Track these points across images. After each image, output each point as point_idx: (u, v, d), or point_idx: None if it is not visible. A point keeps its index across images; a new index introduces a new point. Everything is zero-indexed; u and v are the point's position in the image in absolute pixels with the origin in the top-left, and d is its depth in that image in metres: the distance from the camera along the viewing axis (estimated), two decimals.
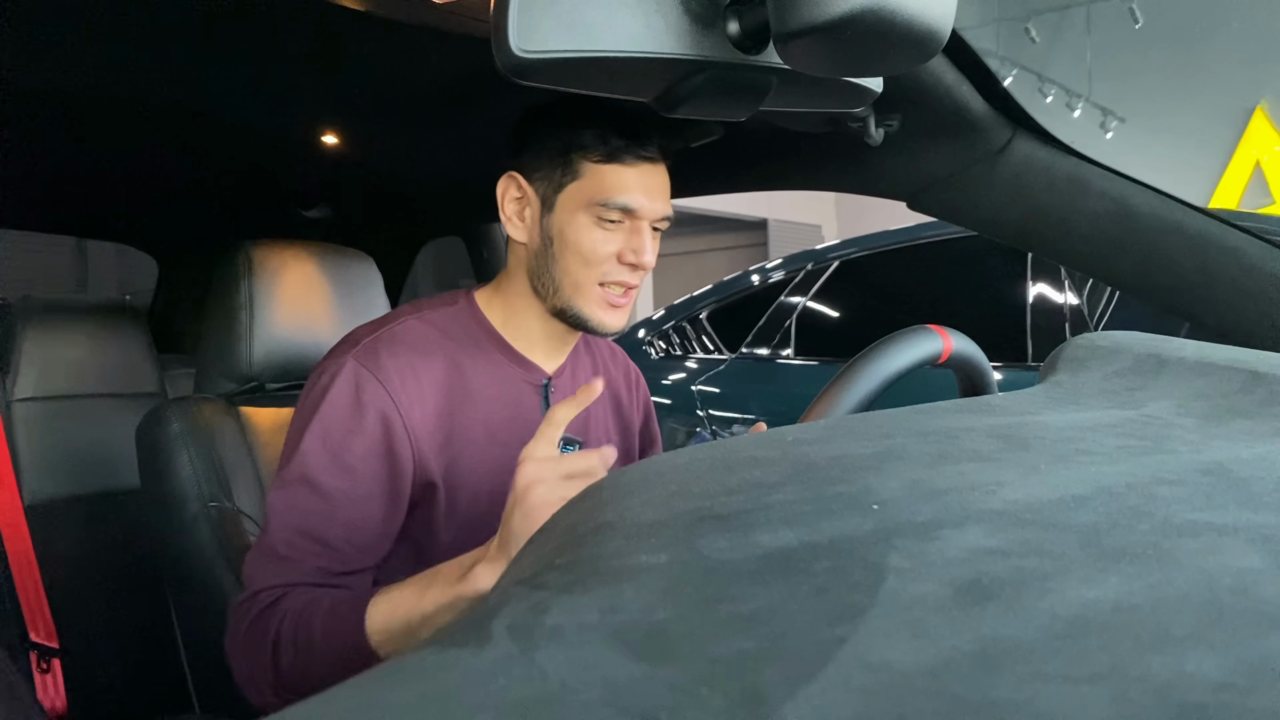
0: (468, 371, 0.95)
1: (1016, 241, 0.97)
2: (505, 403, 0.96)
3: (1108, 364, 0.53)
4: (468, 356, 0.96)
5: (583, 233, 0.91)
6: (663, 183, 0.94)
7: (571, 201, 0.91)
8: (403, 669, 0.22)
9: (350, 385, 0.88)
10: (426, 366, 0.92)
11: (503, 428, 0.95)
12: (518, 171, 0.94)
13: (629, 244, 0.92)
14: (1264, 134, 7.37)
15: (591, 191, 0.90)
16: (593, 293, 0.93)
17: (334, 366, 0.90)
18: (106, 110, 1.17)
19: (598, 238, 0.91)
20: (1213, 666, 0.20)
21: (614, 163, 0.90)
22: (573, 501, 0.35)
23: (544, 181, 0.93)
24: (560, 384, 1.02)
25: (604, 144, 0.90)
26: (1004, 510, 0.30)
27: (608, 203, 0.90)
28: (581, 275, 0.92)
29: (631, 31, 0.49)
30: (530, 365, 0.99)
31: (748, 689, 0.20)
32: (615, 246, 0.91)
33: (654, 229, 0.94)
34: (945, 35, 0.49)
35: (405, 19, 0.80)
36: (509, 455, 0.94)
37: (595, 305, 0.93)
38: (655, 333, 3.15)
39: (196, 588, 1.11)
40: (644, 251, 0.92)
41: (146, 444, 1.18)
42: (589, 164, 0.90)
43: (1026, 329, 2.27)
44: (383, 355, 0.90)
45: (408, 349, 0.92)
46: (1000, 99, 0.90)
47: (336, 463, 0.87)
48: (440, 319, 0.97)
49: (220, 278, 1.24)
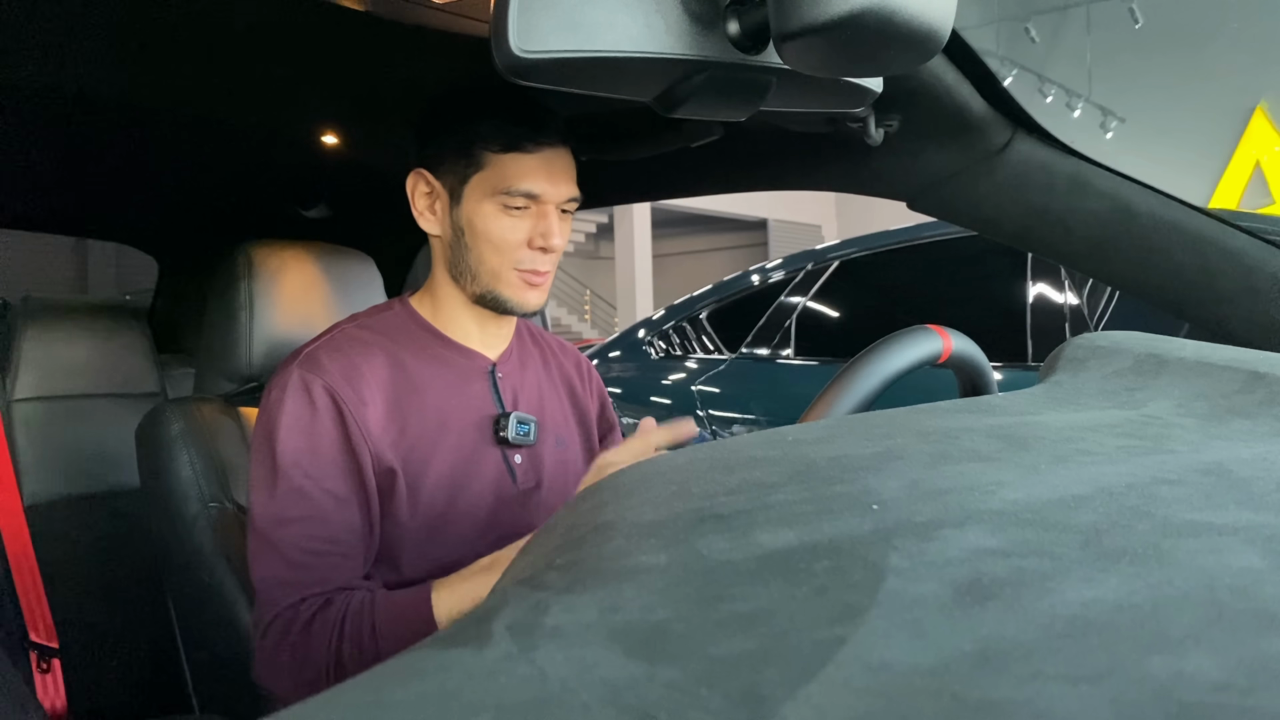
0: (411, 367, 0.97)
1: (1016, 241, 0.97)
2: (454, 390, 0.99)
3: (1108, 364, 0.53)
4: (409, 353, 0.98)
5: (490, 221, 0.94)
6: (565, 165, 0.96)
7: (477, 192, 0.94)
8: (403, 669, 0.22)
9: (300, 392, 0.91)
10: (369, 366, 0.95)
11: (454, 414, 0.98)
12: (424, 166, 0.98)
13: (536, 228, 0.94)
14: (1264, 134, 7.37)
15: (495, 181, 0.93)
16: (509, 276, 0.96)
17: (280, 380, 0.93)
18: (107, 110, 1.17)
19: (505, 225, 0.94)
20: (1213, 666, 0.20)
21: (514, 151, 0.92)
22: (572, 501, 0.35)
23: (449, 174, 0.96)
24: (507, 370, 1.04)
25: (502, 134, 0.92)
26: (1004, 510, 0.30)
27: (510, 190, 0.92)
28: (495, 262, 0.95)
29: (631, 31, 0.49)
30: (471, 353, 1.02)
31: (748, 689, 0.20)
32: (523, 233, 0.94)
33: (562, 210, 0.96)
34: (945, 35, 0.49)
35: (405, 19, 0.80)
36: (464, 440, 0.98)
37: (513, 288, 0.96)
38: (655, 333, 3.15)
39: (196, 588, 1.11)
40: (552, 235, 0.94)
41: (146, 444, 1.18)
42: (490, 154, 0.93)
43: (1026, 329, 2.27)
44: (324, 360, 0.93)
45: (347, 353, 0.95)
46: (1000, 99, 0.90)
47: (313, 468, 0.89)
48: (377, 324, 1.01)
49: (220, 278, 1.24)
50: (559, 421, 1.09)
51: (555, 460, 1.05)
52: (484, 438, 0.99)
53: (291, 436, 0.89)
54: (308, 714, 0.21)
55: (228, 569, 1.09)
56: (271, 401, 0.92)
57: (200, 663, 1.17)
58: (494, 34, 0.47)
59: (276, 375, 0.96)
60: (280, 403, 0.91)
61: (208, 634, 1.09)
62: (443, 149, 0.96)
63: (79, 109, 1.16)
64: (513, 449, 1.00)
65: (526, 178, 0.93)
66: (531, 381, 1.07)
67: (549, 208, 0.95)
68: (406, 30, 0.84)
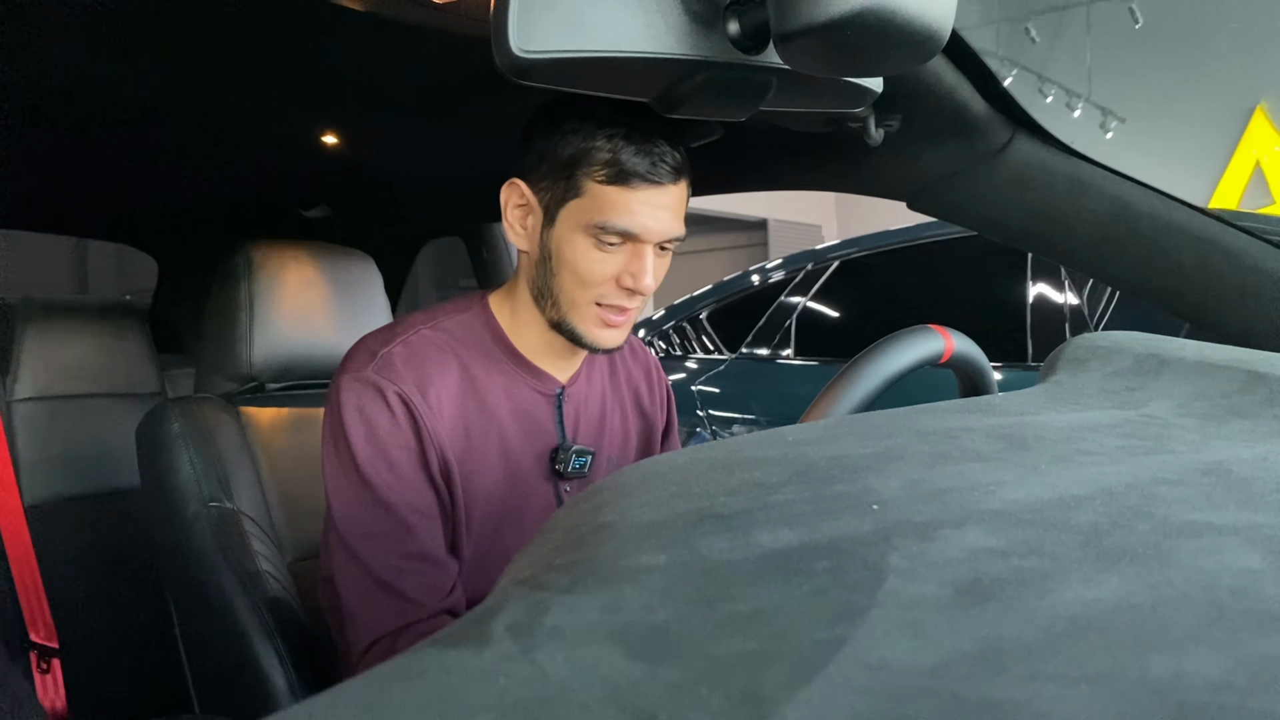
0: (481, 383, 0.93)
1: (1016, 241, 0.97)
2: (519, 415, 0.95)
3: (1108, 364, 0.53)
4: (480, 366, 0.94)
5: (580, 253, 0.87)
6: (675, 202, 0.88)
7: (571, 219, 0.87)
8: (403, 669, 0.22)
9: (375, 397, 0.87)
10: (441, 379, 0.90)
11: (516, 441, 0.95)
12: (521, 178, 0.90)
13: (628, 267, 0.87)
14: (1264, 134, 7.37)
15: (593, 212, 0.85)
16: (588, 312, 0.90)
17: (353, 382, 0.89)
18: (107, 110, 1.17)
19: (595, 259, 0.87)
20: (1213, 666, 0.20)
21: (620, 185, 0.84)
22: (573, 502, 0.35)
23: (547, 193, 0.88)
24: (574, 393, 1.00)
25: (612, 166, 0.84)
26: (1004, 510, 0.30)
27: (606, 225, 0.85)
28: (577, 294, 0.89)
29: (631, 31, 0.49)
30: (542, 374, 0.97)
31: (748, 689, 0.20)
32: (613, 269, 0.87)
33: (661, 248, 0.89)
34: (945, 35, 0.49)
35: (405, 19, 0.80)
36: (521, 469, 0.94)
37: (591, 324, 0.90)
38: (655, 333, 3.15)
39: (196, 588, 1.11)
40: (643, 275, 0.87)
41: (146, 444, 1.18)
42: (593, 184, 0.85)
43: (1026, 329, 2.27)
44: (399, 365, 0.89)
45: (421, 361, 0.90)
46: (1000, 99, 0.90)
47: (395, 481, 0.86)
48: (453, 326, 0.95)
49: (220, 278, 1.24)
50: (617, 444, 1.05)
51: None
52: (540, 469, 0.96)
53: (370, 446, 0.86)
54: (308, 714, 0.21)
55: (228, 569, 1.09)
56: (343, 403, 0.88)
57: (200, 662, 1.17)
58: (494, 34, 0.47)
59: (350, 374, 0.90)
60: (354, 407, 0.87)
61: (208, 634, 1.09)
62: (544, 163, 0.87)
63: (79, 109, 1.16)
64: (565, 480, 0.98)
65: (626, 216, 0.84)
66: (595, 401, 1.03)
67: (645, 247, 0.87)
68: (406, 30, 0.84)
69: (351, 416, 0.87)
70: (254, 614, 1.01)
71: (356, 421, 0.87)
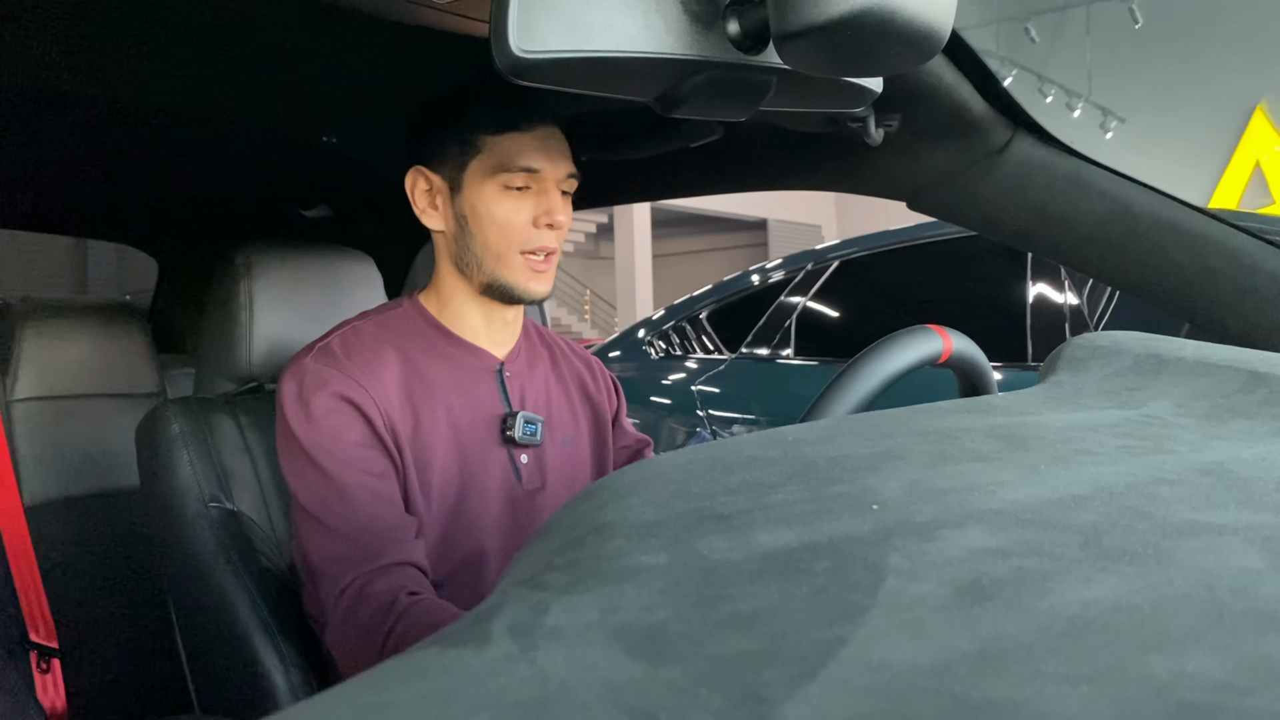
0: (421, 365, 0.98)
1: (1016, 241, 0.97)
2: (462, 389, 0.99)
3: (1108, 364, 0.53)
4: (418, 351, 0.99)
5: (493, 204, 0.94)
6: (561, 145, 0.97)
7: (477, 176, 0.95)
8: (403, 669, 0.22)
9: (318, 382, 0.91)
10: (381, 362, 0.95)
11: (463, 412, 0.98)
12: (421, 163, 0.98)
13: (540, 206, 0.94)
14: (1264, 134, 7.37)
15: (494, 161, 0.94)
16: (515, 261, 0.95)
17: (295, 372, 0.94)
18: (107, 110, 1.17)
19: (509, 207, 0.94)
20: (1213, 666, 0.20)
21: (510, 131, 0.93)
22: (572, 502, 0.35)
23: (447, 166, 0.96)
24: (515, 369, 1.04)
25: (496, 116, 0.94)
26: (1004, 510, 0.30)
27: (510, 167, 0.93)
28: (501, 245, 0.95)
29: (631, 31, 0.49)
30: (480, 351, 1.02)
31: (748, 689, 0.20)
32: (527, 213, 0.94)
33: (563, 192, 0.97)
34: (945, 35, 0.49)
35: (405, 19, 0.80)
36: (473, 439, 0.98)
37: (520, 274, 0.96)
38: (655, 333, 3.15)
39: (196, 588, 1.11)
40: (556, 210, 0.94)
41: (146, 444, 1.18)
42: (486, 137, 0.94)
43: (1026, 329, 2.27)
44: (338, 351, 0.94)
45: (359, 349, 0.95)
46: (1000, 99, 0.90)
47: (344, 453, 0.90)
48: (387, 320, 1.01)
49: (220, 278, 1.24)
50: (567, 422, 1.09)
51: (561, 461, 1.05)
52: (491, 437, 0.99)
53: (315, 426, 0.90)
54: (308, 714, 0.21)
55: (228, 569, 1.09)
56: (288, 394, 0.93)
57: (200, 662, 1.17)
58: (494, 34, 0.47)
59: (290, 368, 0.95)
60: (294, 395, 0.92)
61: (208, 634, 1.09)
62: (438, 142, 0.97)
63: (79, 109, 1.16)
64: (519, 449, 1.01)
65: (524, 154, 0.93)
66: (539, 381, 1.07)
67: (550, 184, 0.95)
68: (406, 30, 0.84)
69: (291, 404, 0.92)
70: (254, 614, 1.01)
71: (296, 405, 0.92)
